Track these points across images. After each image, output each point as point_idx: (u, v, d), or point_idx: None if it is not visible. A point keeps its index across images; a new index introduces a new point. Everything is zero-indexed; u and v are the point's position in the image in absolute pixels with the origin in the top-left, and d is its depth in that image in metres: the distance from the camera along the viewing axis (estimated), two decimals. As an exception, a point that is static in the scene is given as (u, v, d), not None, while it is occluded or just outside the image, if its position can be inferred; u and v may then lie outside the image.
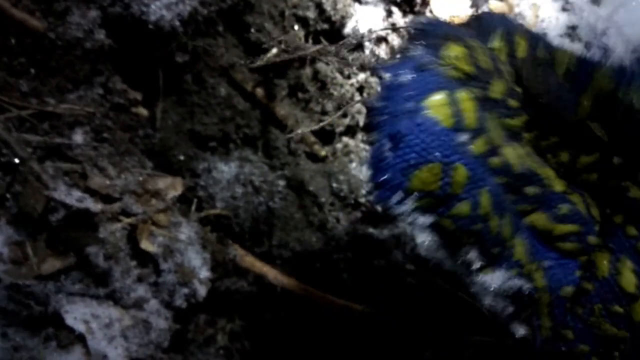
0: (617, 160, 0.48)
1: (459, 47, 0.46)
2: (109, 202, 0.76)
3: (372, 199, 1.00)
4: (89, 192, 0.73)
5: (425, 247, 1.02)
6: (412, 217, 0.46)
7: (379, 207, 1.01)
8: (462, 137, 0.44)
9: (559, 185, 0.50)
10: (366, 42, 1.01)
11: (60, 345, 0.63)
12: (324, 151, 1.06)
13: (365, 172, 1.07)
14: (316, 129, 1.04)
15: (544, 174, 0.49)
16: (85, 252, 0.71)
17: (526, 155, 0.49)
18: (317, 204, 1.01)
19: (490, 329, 0.86)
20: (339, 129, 1.07)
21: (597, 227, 0.50)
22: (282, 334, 0.98)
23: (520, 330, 0.51)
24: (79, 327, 0.64)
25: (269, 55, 1.01)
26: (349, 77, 1.04)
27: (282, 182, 1.01)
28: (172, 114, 0.99)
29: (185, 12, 0.88)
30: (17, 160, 0.68)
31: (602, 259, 0.48)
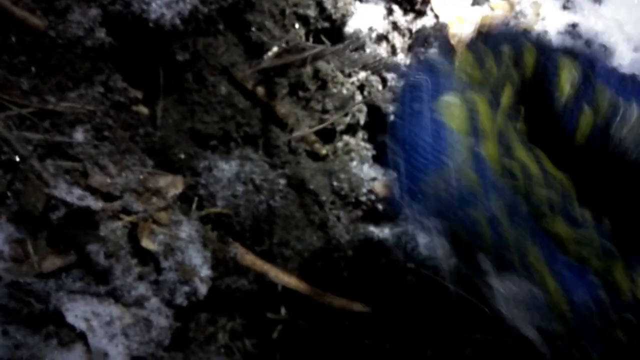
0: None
1: (469, 53, 0.46)
2: (110, 200, 0.76)
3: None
4: (90, 190, 0.73)
5: (425, 245, 1.02)
6: (422, 221, 0.46)
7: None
8: (474, 139, 0.44)
9: (573, 190, 0.50)
10: (367, 40, 1.01)
11: (61, 343, 0.63)
12: (324, 150, 1.06)
13: (366, 171, 1.07)
14: (319, 128, 1.04)
15: (558, 176, 0.49)
16: (86, 250, 0.71)
17: (540, 157, 0.49)
18: (318, 203, 1.01)
19: (491, 327, 0.86)
20: (340, 128, 1.06)
21: (610, 233, 0.50)
22: (283, 333, 0.98)
23: (532, 335, 0.50)
24: (80, 325, 0.64)
25: (270, 54, 1.01)
26: (350, 76, 1.03)
27: (282, 181, 1.01)
28: (173, 113, 0.99)
29: (185, 10, 0.88)
30: (18, 158, 0.69)
31: (618, 268, 0.48)
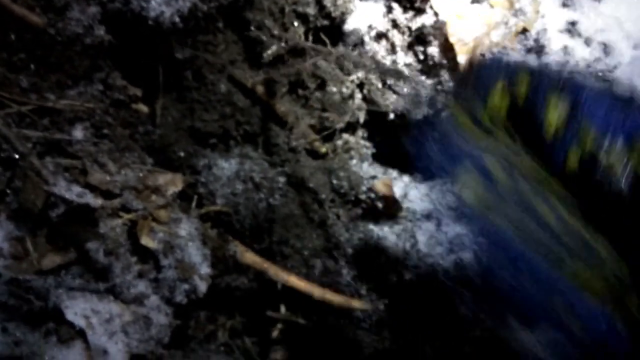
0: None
1: (460, 109, 0.50)
2: (109, 198, 0.76)
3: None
4: (89, 188, 0.73)
5: (425, 243, 1.02)
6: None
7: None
8: (493, 204, 0.47)
9: (586, 230, 0.51)
10: (366, 38, 1.01)
11: (60, 340, 0.63)
12: (324, 148, 1.06)
13: (366, 169, 1.07)
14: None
15: (571, 222, 0.51)
16: (85, 247, 0.71)
17: (554, 205, 0.51)
18: (318, 201, 1.01)
19: (490, 324, 0.86)
20: (339, 126, 1.06)
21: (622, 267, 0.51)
22: (283, 331, 0.98)
23: None
24: (80, 322, 0.64)
25: (270, 52, 1.01)
26: (349, 74, 1.03)
27: (282, 179, 1.01)
28: (172, 111, 0.99)
29: (185, 8, 0.88)
30: (17, 155, 0.69)
31: (632, 299, 0.48)
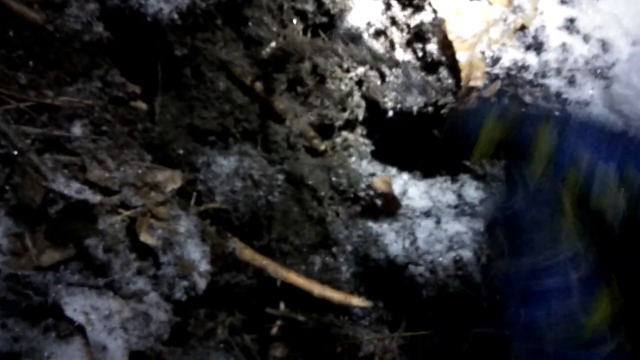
0: None
1: None
2: (108, 195, 0.76)
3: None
4: (88, 185, 0.73)
5: (424, 240, 1.02)
6: None
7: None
8: None
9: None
10: (365, 35, 1.01)
11: (59, 336, 0.63)
12: (323, 145, 1.06)
13: (365, 167, 1.07)
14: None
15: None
16: (84, 244, 0.71)
17: None
18: (317, 198, 1.01)
19: (489, 322, 0.87)
20: (338, 123, 1.06)
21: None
22: (282, 328, 0.98)
23: None
24: (79, 319, 0.64)
25: (268, 49, 1.01)
26: (348, 71, 1.03)
27: (281, 176, 1.01)
28: (171, 108, 0.99)
29: (183, 5, 0.88)
30: (16, 152, 0.68)
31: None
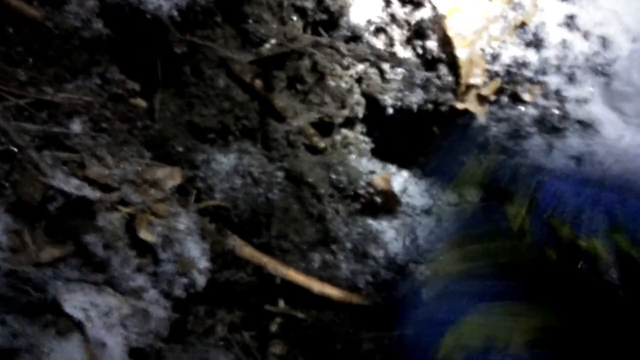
0: None
1: None
2: (108, 191, 0.76)
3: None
4: (88, 181, 0.73)
5: (424, 238, 1.02)
6: None
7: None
8: None
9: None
10: (365, 32, 1.01)
11: (58, 332, 0.63)
12: (323, 143, 1.06)
13: (365, 164, 1.07)
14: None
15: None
16: (83, 240, 0.71)
17: None
18: (316, 196, 1.01)
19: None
20: (338, 121, 1.06)
21: None
22: (282, 325, 0.98)
23: None
24: (78, 315, 0.64)
25: (268, 46, 1.01)
26: (348, 68, 1.03)
27: (281, 174, 1.00)
28: (171, 105, 0.99)
29: (182, 2, 0.88)
30: (16, 148, 0.68)
31: None
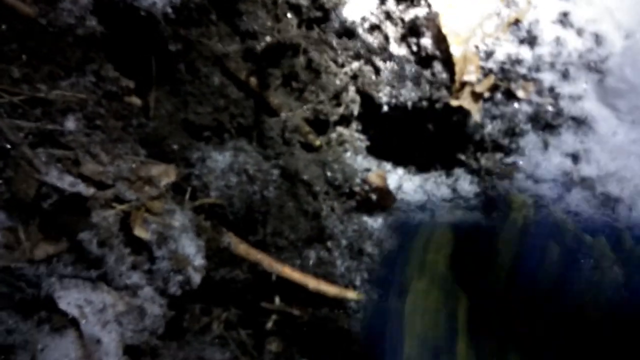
0: None
1: None
2: (102, 188, 0.75)
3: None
4: (82, 178, 0.73)
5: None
6: None
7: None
8: None
9: None
10: (359, 29, 1.01)
11: (53, 328, 0.63)
12: (318, 141, 1.06)
13: (360, 162, 1.07)
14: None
15: None
16: (78, 237, 0.71)
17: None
18: (312, 193, 1.01)
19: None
20: (333, 119, 1.06)
21: None
22: (277, 322, 0.98)
23: None
24: (73, 312, 0.64)
25: (263, 44, 1.00)
26: (343, 66, 1.03)
27: (276, 172, 1.00)
28: (166, 103, 0.99)
29: (177, -1, 0.88)
30: (9, 145, 0.68)
31: None
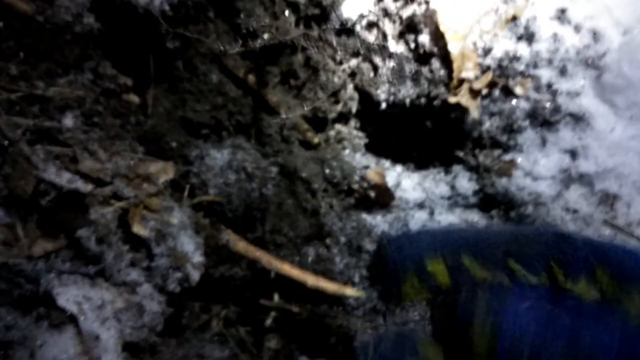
0: None
1: None
2: (100, 185, 0.75)
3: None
4: (80, 175, 0.73)
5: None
6: None
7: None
8: None
9: None
10: (357, 27, 1.01)
11: (51, 325, 0.63)
12: (316, 138, 1.06)
13: (358, 159, 1.07)
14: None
15: None
16: (76, 234, 0.71)
17: None
18: (310, 191, 1.01)
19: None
20: (332, 116, 1.06)
21: None
22: (277, 319, 0.98)
23: None
24: (71, 308, 0.64)
25: (260, 41, 1.00)
26: (341, 63, 1.03)
27: (274, 169, 1.00)
28: (164, 101, 0.99)
29: (174, -4, 0.88)
30: (7, 142, 0.68)
31: None
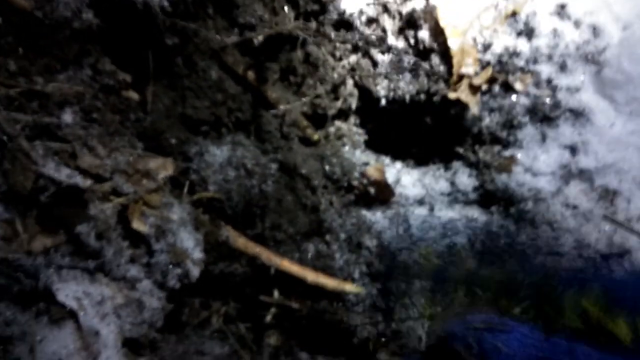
0: None
1: None
2: (100, 181, 0.75)
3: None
4: (79, 171, 0.73)
5: (418, 227, 1.02)
6: None
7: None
8: None
9: None
10: (357, 22, 1.01)
11: (51, 320, 0.63)
12: (316, 135, 1.06)
13: (358, 156, 1.07)
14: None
15: None
16: (76, 230, 0.71)
17: None
18: (310, 187, 1.00)
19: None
20: (332, 112, 1.06)
21: None
22: (276, 315, 0.98)
23: None
24: (71, 304, 0.64)
25: (260, 37, 1.00)
26: (341, 59, 1.03)
27: (274, 166, 1.00)
28: (163, 97, 0.98)
29: (173, -8, 0.87)
30: (6, 138, 0.68)
31: None
